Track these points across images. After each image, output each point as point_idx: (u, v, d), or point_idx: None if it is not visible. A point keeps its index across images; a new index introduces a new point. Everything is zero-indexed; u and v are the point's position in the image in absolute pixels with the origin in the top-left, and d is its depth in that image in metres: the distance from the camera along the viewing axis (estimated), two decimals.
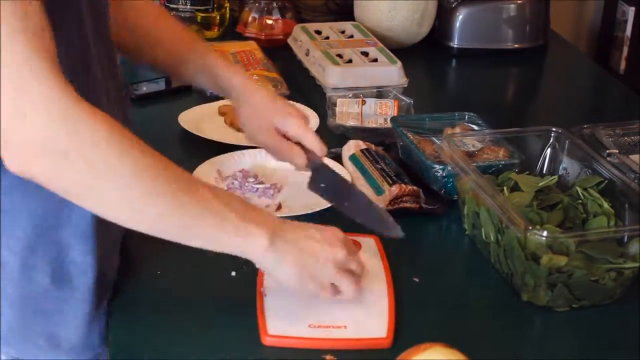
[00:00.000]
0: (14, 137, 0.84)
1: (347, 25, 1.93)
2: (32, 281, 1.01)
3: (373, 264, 1.15)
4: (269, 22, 1.97)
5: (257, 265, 1.02)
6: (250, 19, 1.98)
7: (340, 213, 1.19)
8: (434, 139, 1.39)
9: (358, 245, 1.17)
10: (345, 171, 1.38)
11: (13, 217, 0.98)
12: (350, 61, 1.75)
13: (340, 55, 1.76)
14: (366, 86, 1.67)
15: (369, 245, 1.20)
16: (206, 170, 1.36)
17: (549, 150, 1.33)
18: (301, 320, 1.05)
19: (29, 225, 0.99)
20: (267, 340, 1.02)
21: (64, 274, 1.02)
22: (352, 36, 1.89)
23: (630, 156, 1.39)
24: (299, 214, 1.27)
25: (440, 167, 1.31)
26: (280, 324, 1.04)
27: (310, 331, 1.03)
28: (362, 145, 1.42)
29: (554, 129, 1.33)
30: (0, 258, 0.99)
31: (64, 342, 1.05)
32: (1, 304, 1.01)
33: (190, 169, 1.35)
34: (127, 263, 1.16)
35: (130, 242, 1.19)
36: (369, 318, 1.05)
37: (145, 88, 1.67)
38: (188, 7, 1.97)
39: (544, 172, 1.32)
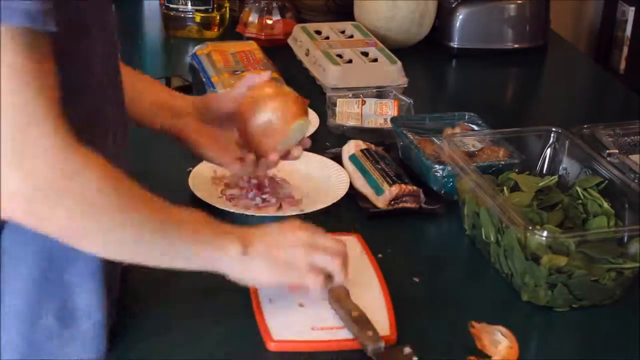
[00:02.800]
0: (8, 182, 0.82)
1: (347, 25, 1.93)
2: (37, 324, 0.95)
3: (359, 261, 1.15)
4: (269, 22, 1.97)
5: (230, 276, 1.01)
6: (250, 19, 1.98)
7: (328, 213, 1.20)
8: (434, 139, 1.39)
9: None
10: (345, 172, 1.37)
11: (17, 257, 0.93)
12: (350, 61, 1.75)
13: (340, 55, 1.76)
14: (366, 86, 1.67)
15: (352, 243, 1.18)
16: (203, 170, 1.36)
17: (549, 150, 1.33)
18: (303, 324, 1.04)
19: (34, 265, 0.93)
20: (272, 346, 1.01)
21: (69, 315, 0.96)
22: (352, 36, 1.89)
23: (630, 156, 1.38)
24: (294, 213, 1.27)
25: (440, 167, 1.31)
26: (283, 329, 1.03)
27: (315, 334, 1.03)
28: (362, 145, 1.42)
29: (554, 129, 1.33)
30: (2, 301, 0.93)
31: None
32: (2, 349, 0.94)
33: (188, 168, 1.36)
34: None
35: None
36: (369, 316, 1.04)
37: None
38: (188, 7, 1.97)
39: (544, 172, 1.32)
